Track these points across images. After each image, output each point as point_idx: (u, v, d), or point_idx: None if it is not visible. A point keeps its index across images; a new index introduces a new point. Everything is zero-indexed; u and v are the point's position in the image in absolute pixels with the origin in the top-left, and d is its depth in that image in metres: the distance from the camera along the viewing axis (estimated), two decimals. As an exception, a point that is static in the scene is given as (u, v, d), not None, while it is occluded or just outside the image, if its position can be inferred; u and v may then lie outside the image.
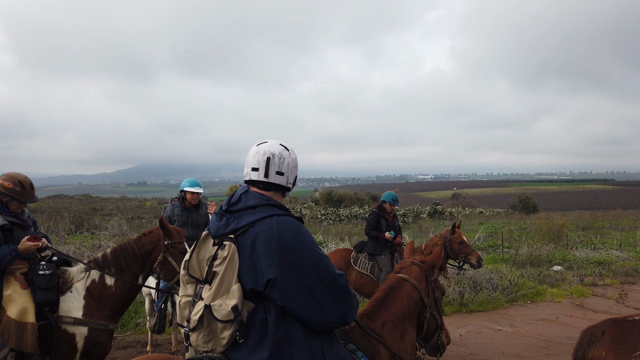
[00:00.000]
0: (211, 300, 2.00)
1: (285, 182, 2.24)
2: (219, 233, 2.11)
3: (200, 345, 2.05)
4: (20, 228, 3.92)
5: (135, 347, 6.69)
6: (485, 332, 7.42)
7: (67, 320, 3.72)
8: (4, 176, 3.91)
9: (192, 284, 2.19)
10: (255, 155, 2.21)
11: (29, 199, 3.95)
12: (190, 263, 2.18)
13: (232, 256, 2.02)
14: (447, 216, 39.66)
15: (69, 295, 3.83)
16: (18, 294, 3.62)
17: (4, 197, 3.87)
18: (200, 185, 6.01)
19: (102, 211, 33.10)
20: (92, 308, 3.81)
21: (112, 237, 16.28)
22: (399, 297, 2.76)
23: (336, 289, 2.08)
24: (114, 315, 3.93)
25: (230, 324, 1.97)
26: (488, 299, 9.06)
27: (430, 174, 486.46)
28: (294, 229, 2.07)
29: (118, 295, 3.92)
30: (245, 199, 2.15)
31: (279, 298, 1.97)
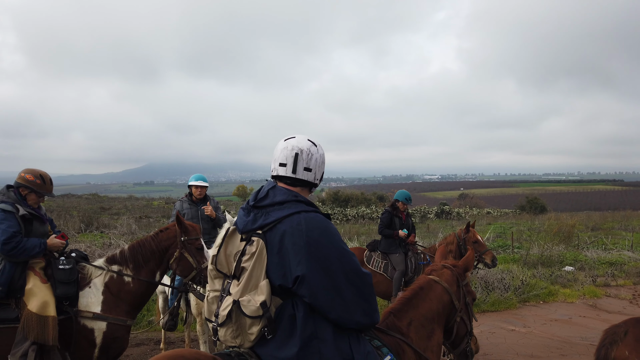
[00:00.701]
0: (239, 295, 2.00)
1: (313, 178, 2.23)
2: (247, 229, 2.10)
3: (228, 340, 2.06)
4: (39, 221, 3.97)
5: (148, 345, 6.71)
6: (498, 332, 7.37)
7: (87, 314, 3.74)
8: (25, 170, 3.98)
9: (219, 279, 2.19)
10: (283, 150, 2.19)
11: (48, 193, 4.01)
12: (218, 258, 2.17)
13: (260, 252, 2.02)
14: (454, 216, 39.51)
15: (88, 290, 3.85)
16: (38, 288, 3.65)
17: (23, 190, 3.93)
18: (206, 180, 6.17)
19: (111, 210, 33.30)
20: (110, 304, 3.83)
21: (121, 235, 16.35)
22: (427, 297, 2.72)
23: (362, 288, 2.08)
24: (132, 311, 3.94)
25: (259, 320, 1.97)
26: (500, 299, 9.01)
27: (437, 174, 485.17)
28: (322, 225, 2.06)
29: (136, 292, 3.94)
30: (272, 195, 2.13)
31: (306, 295, 1.97)
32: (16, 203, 3.83)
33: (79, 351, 3.72)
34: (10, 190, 3.93)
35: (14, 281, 3.65)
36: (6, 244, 3.59)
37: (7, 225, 3.64)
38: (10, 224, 3.67)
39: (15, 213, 3.76)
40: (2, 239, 3.59)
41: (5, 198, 3.84)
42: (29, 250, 3.69)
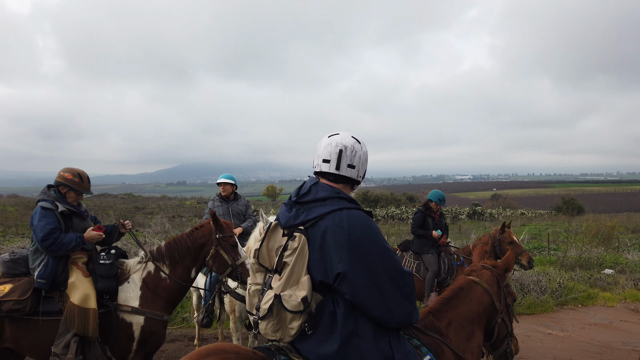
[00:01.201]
0: (281, 290, 2.02)
1: (356, 175, 2.23)
2: (289, 224, 2.12)
3: (269, 333, 2.08)
4: (79, 217, 4.10)
5: (182, 341, 6.83)
6: (535, 335, 7.18)
7: (125, 308, 3.84)
8: (64, 169, 4.12)
9: (261, 273, 2.21)
10: (327, 146, 2.19)
11: (86, 191, 4.14)
12: (261, 252, 2.20)
13: (302, 248, 2.03)
14: (486, 217, 38.73)
15: (127, 285, 3.95)
16: (80, 281, 3.78)
17: (62, 188, 4.06)
18: (233, 178, 6.32)
19: (145, 210, 34.14)
20: (147, 298, 3.92)
21: (155, 234, 16.75)
22: (467, 298, 2.70)
23: (403, 287, 2.07)
24: (168, 307, 4.02)
25: (300, 315, 1.98)
26: (536, 302, 8.77)
27: (468, 174, 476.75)
28: (364, 223, 2.05)
29: (172, 287, 4.02)
30: (315, 191, 2.14)
31: (347, 292, 1.97)
32: (56, 201, 3.97)
33: (118, 344, 3.83)
34: (50, 189, 4.08)
35: (56, 275, 3.78)
36: (45, 240, 3.72)
37: (45, 222, 3.78)
38: (48, 220, 3.81)
39: (55, 210, 3.90)
40: (40, 236, 3.72)
41: (46, 197, 3.99)
42: (66, 244, 3.81)
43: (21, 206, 30.62)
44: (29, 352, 3.83)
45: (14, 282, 3.80)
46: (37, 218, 3.81)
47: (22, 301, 3.67)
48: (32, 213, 3.90)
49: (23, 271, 3.91)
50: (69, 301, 3.68)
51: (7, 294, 3.68)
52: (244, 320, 5.23)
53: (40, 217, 3.80)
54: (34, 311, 3.71)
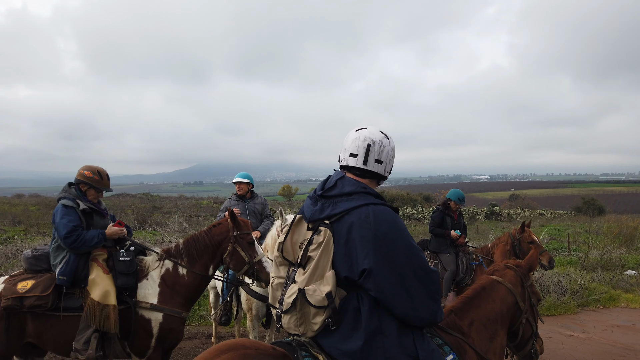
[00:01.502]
0: (305, 284, 2.01)
1: (383, 170, 2.20)
2: (314, 218, 2.10)
3: (291, 328, 2.06)
4: (99, 215, 4.15)
5: (199, 339, 6.88)
6: (555, 337, 7.05)
7: (144, 305, 3.88)
8: (83, 167, 4.19)
9: (284, 266, 2.20)
10: (355, 141, 2.16)
11: (105, 188, 4.20)
12: (285, 245, 2.18)
13: (327, 242, 2.01)
14: (504, 217, 38.23)
15: (145, 282, 3.99)
16: (101, 278, 3.83)
17: (83, 186, 4.12)
18: (248, 177, 6.32)
19: (162, 209, 34.51)
20: (166, 295, 3.95)
21: (172, 233, 16.92)
22: (490, 298, 2.67)
23: (429, 285, 2.03)
24: (186, 304, 4.05)
25: (323, 310, 1.96)
26: (557, 303, 8.62)
27: (485, 174, 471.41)
28: (391, 219, 2.02)
29: (190, 284, 4.04)
30: (341, 185, 2.11)
31: (372, 289, 1.94)
32: (76, 199, 4.03)
33: (137, 340, 3.87)
34: (71, 187, 4.14)
35: (77, 272, 3.84)
36: (67, 237, 3.78)
37: (67, 220, 3.83)
38: (70, 218, 3.86)
39: (76, 208, 3.95)
40: (63, 233, 3.78)
41: (67, 194, 4.05)
42: (89, 241, 3.86)
43: (42, 205, 31.24)
44: (51, 347, 3.90)
45: (36, 278, 3.87)
46: (59, 215, 3.87)
47: (44, 297, 3.73)
48: (54, 210, 3.96)
49: (45, 267, 3.97)
50: (89, 297, 3.73)
51: (29, 289, 3.75)
52: (260, 319, 5.24)
53: (63, 215, 3.86)
54: (56, 307, 3.78)
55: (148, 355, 3.90)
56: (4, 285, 3.81)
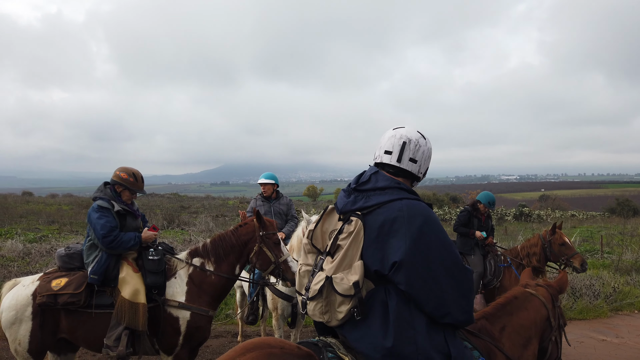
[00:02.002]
0: (333, 272, 2.00)
1: (417, 170, 2.18)
2: (346, 209, 2.09)
3: (316, 315, 2.06)
4: (131, 216, 4.25)
5: (226, 337, 6.96)
6: (587, 341, 6.85)
7: (173, 303, 3.95)
8: (120, 168, 4.28)
9: (313, 254, 2.19)
10: (391, 138, 2.17)
11: (139, 190, 4.29)
12: (315, 233, 2.18)
13: (357, 232, 2.00)
14: (534, 219, 37.36)
15: (173, 281, 4.06)
16: (131, 276, 3.92)
17: (118, 187, 4.22)
18: (273, 177, 6.33)
19: (190, 209, 35.04)
20: (193, 294, 4.01)
21: (200, 232, 17.17)
22: (523, 307, 2.64)
23: (462, 283, 1.99)
24: (213, 303, 4.10)
25: (349, 299, 1.94)
26: (589, 307, 8.38)
27: (515, 174, 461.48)
28: (425, 214, 1.99)
29: (217, 283, 4.09)
30: (375, 180, 2.11)
31: (402, 282, 1.91)
32: (112, 199, 4.13)
33: (165, 338, 3.94)
34: (107, 187, 4.25)
35: (108, 271, 3.93)
36: (106, 237, 3.88)
37: (105, 221, 3.93)
38: (108, 219, 3.96)
39: (111, 209, 4.05)
40: (102, 233, 3.88)
41: (103, 195, 4.15)
42: (125, 243, 3.96)
43: (75, 205, 32.14)
44: (83, 343, 4.01)
45: (69, 276, 3.98)
46: (95, 216, 3.96)
47: (77, 294, 3.84)
48: (89, 210, 4.07)
49: (77, 265, 4.09)
50: (120, 295, 3.82)
51: (63, 287, 3.86)
52: (286, 318, 5.27)
53: (100, 216, 3.96)
54: (88, 304, 3.88)
55: (176, 352, 3.97)
56: (39, 283, 3.94)
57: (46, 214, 24.48)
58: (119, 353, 3.72)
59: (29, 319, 3.82)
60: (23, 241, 12.74)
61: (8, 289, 4.02)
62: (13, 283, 4.09)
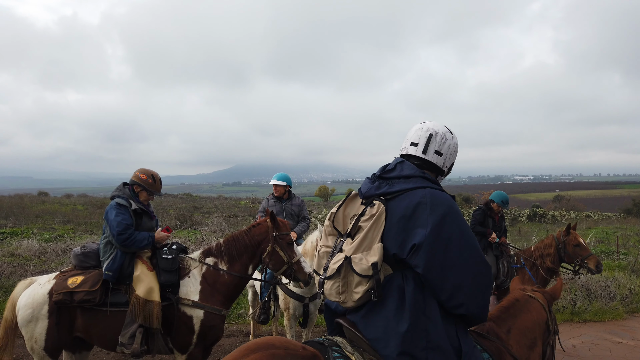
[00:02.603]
0: (352, 253, 2.01)
1: (442, 163, 2.20)
2: (370, 194, 2.12)
3: (332, 294, 2.07)
4: (147, 216, 4.32)
5: (238, 337, 6.99)
6: (602, 343, 6.76)
7: (186, 302, 3.99)
8: (140, 169, 4.37)
9: (333, 236, 2.22)
10: (418, 131, 2.20)
11: (157, 192, 4.37)
12: (337, 216, 2.21)
13: (379, 215, 2.02)
14: (549, 220, 36.92)
15: (187, 280, 4.10)
16: (145, 275, 3.96)
17: (136, 188, 4.30)
18: (286, 178, 6.32)
19: (202, 209, 35.27)
20: (207, 293, 4.05)
21: (212, 232, 17.27)
22: (526, 309, 2.67)
23: (479, 277, 1.98)
24: (226, 302, 4.13)
25: (367, 280, 1.95)
26: (604, 309, 8.26)
27: (528, 174, 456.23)
28: (448, 204, 2.00)
29: (230, 283, 4.12)
30: (400, 168, 2.13)
31: (420, 265, 1.91)
32: (129, 198, 4.19)
33: (179, 336, 3.98)
34: (125, 186, 4.32)
35: (123, 269, 3.99)
36: (121, 234, 3.94)
37: (121, 218, 4.00)
38: (124, 217, 4.03)
39: (129, 207, 4.12)
40: (117, 230, 3.94)
41: (121, 193, 4.23)
42: (139, 242, 4.02)
43: (90, 205, 32.54)
44: (98, 341, 4.05)
45: (85, 274, 4.04)
46: (113, 213, 4.03)
47: (92, 292, 3.89)
48: (107, 208, 4.14)
49: (93, 264, 4.15)
50: (134, 294, 3.86)
51: (79, 285, 3.92)
52: (297, 318, 5.28)
53: (117, 213, 4.02)
54: (103, 302, 3.93)
55: (189, 351, 4.00)
56: (56, 281, 3.99)
57: (61, 214, 24.82)
58: (134, 351, 3.76)
59: (45, 317, 3.88)
60: (39, 240, 12.94)
61: (24, 288, 4.09)
62: (29, 282, 4.16)
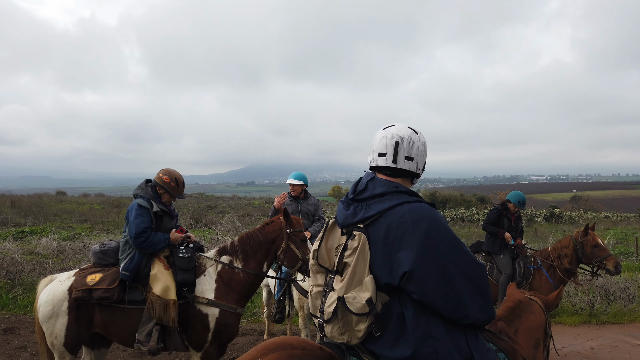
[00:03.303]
0: (344, 292, 1.93)
1: (415, 167, 2.10)
2: (347, 222, 2.02)
3: (335, 336, 2.00)
4: (168, 216, 4.36)
5: (252, 335, 7.03)
6: (621, 346, 6.64)
7: (202, 300, 4.03)
8: (163, 171, 4.38)
9: (322, 274, 2.13)
10: (383, 139, 2.08)
11: (179, 195, 4.41)
12: (320, 252, 2.11)
13: (362, 247, 1.93)
14: (566, 220, 36.39)
15: (203, 278, 4.14)
16: (162, 273, 4.01)
17: (159, 189, 4.34)
18: (303, 177, 6.35)
19: (216, 209, 35.49)
20: (222, 291, 4.08)
21: (226, 232, 17.38)
22: (529, 310, 2.74)
23: (476, 280, 1.92)
24: (241, 300, 4.16)
25: (365, 317, 1.89)
26: (623, 310, 8.12)
27: (545, 174, 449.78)
28: (428, 216, 1.92)
29: (245, 281, 4.15)
30: (372, 187, 2.03)
31: (416, 292, 1.84)
32: (151, 199, 4.24)
33: (195, 334, 4.01)
34: (148, 185, 4.36)
35: (140, 268, 4.04)
36: (137, 237, 3.99)
37: (140, 221, 4.04)
38: (143, 219, 4.06)
39: (150, 209, 4.16)
40: (134, 232, 3.99)
41: (143, 193, 4.26)
42: (156, 244, 4.07)
43: (107, 204, 32.97)
44: (116, 338, 4.11)
45: (103, 271, 4.10)
46: (133, 214, 4.08)
47: (111, 290, 3.95)
48: (129, 207, 4.19)
49: (111, 262, 4.21)
50: (151, 292, 3.91)
51: (97, 282, 3.98)
52: (312, 318, 5.28)
53: (137, 215, 4.06)
54: (121, 300, 3.98)
55: (205, 348, 4.04)
56: (75, 278, 4.06)
57: (79, 213, 25.20)
58: (150, 348, 3.80)
59: (65, 313, 3.95)
60: (57, 239, 13.15)
61: (45, 285, 4.17)
62: (50, 279, 4.23)
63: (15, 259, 9.63)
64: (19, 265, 9.17)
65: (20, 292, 8.40)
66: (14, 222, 18.53)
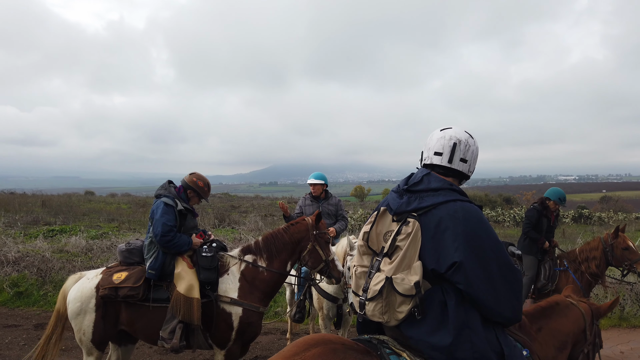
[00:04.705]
0: (393, 273, 2.04)
1: (467, 170, 2.26)
2: (401, 210, 2.14)
3: (376, 315, 2.10)
4: (191, 214, 4.45)
5: (275, 334, 7.08)
6: (654, 351, 6.44)
7: (225, 299, 4.08)
8: (197, 175, 4.52)
9: (368, 256, 2.25)
10: (440, 139, 2.24)
11: (206, 198, 4.56)
12: (370, 235, 2.24)
13: (415, 233, 2.05)
14: (595, 221, 35.42)
15: (226, 277, 4.19)
16: (186, 272, 4.07)
17: (190, 192, 4.46)
18: (323, 177, 6.34)
19: (240, 208, 35.79)
20: (245, 290, 4.12)
21: (249, 231, 17.51)
22: (562, 313, 2.71)
23: (513, 283, 2.05)
24: (265, 299, 4.20)
25: (410, 299, 2.00)
26: (655, 315, 7.87)
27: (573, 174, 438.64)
28: (478, 216, 2.07)
29: (269, 280, 4.19)
30: (427, 181, 2.16)
31: (462, 282, 1.96)
32: (175, 198, 4.31)
33: (218, 333, 4.06)
34: (170, 185, 4.45)
35: (164, 267, 4.11)
36: (164, 236, 4.07)
37: (166, 219, 4.12)
38: (169, 217, 4.15)
39: (175, 207, 4.24)
40: (160, 231, 4.06)
41: (167, 192, 4.35)
42: (179, 246, 4.15)
43: (133, 204, 33.62)
44: (141, 335, 4.20)
45: (129, 270, 4.19)
46: (159, 213, 4.15)
47: (136, 288, 4.03)
48: (154, 206, 4.26)
49: (137, 260, 4.30)
50: (175, 290, 3.98)
51: (123, 280, 4.07)
52: (331, 318, 5.28)
53: (163, 214, 4.14)
54: (146, 298, 4.06)
55: (228, 347, 4.09)
56: (102, 276, 4.16)
57: (106, 213, 25.75)
58: (173, 345, 3.87)
59: (92, 310, 4.05)
60: (86, 238, 13.47)
61: (74, 282, 4.28)
62: (79, 276, 4.35)
63: (46, 256, 9.91)
64: (49, 263, 9.44)
65: (51, 289, 8.65)
66: (44, 221, 19.06)
